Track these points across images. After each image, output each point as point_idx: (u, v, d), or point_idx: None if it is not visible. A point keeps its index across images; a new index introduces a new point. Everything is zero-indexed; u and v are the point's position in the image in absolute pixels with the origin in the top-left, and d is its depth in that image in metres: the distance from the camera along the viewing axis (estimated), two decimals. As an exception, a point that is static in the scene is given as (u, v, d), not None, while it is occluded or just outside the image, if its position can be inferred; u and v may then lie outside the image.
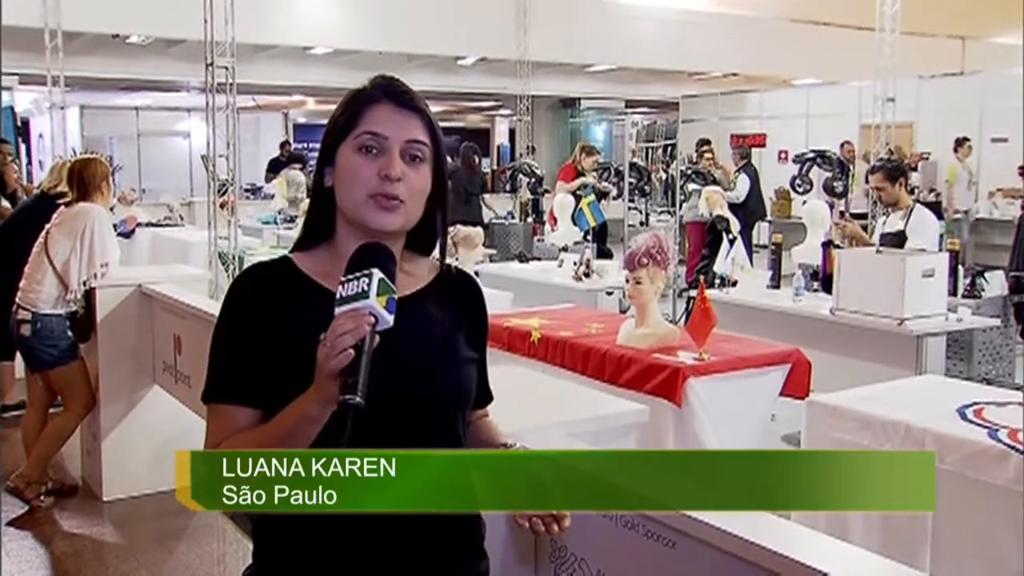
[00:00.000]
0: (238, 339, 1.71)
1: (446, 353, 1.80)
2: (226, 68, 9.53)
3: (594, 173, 11.22)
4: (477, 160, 13.78)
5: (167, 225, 12.07)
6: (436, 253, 1.87)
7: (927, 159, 14.72)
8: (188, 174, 21.42)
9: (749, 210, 12.44)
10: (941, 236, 7.35)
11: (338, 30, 17.30)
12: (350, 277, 1.56)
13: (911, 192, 7.91)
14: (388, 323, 1.54)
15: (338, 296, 1.54)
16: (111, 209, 12.36)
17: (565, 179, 10.99)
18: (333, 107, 1.86)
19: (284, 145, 18.42)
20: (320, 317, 1.56)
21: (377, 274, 1.55)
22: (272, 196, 13.97)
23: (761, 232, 15.53)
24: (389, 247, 1.67)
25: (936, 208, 12.86)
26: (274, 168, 17.08)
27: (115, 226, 8.95)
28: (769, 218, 15.49)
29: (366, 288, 1.54)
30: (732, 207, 12.28)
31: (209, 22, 9.36)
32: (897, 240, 6.51)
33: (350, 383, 1.48)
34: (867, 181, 9.54)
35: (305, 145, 29.44)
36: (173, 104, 21.98)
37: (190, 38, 13.74)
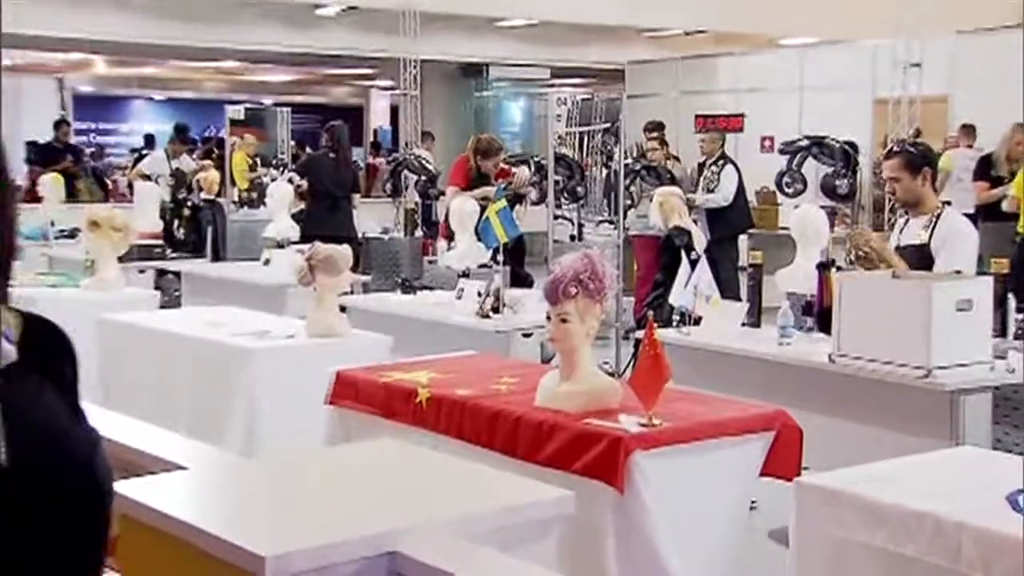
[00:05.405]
0: None
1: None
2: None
3: (502, 182, 11.12)
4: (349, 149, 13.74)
5: None
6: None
7: (971, 146, 14.95)
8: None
9: (732, 219, 12.50)
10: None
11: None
12: None
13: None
14: (12, 357, 1.59)
15: None
16: None
17: (457, 182, 10.96)
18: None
19: (60, 125, 18.18)
20: None
21: None
22: (41, 199, 13.71)
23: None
24: None
25: (999, 215, 12.46)
26: (44, 157, 16.82)
27: None
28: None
29: None
30: (711, 214, 12.39)
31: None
32: (918, 256, 6.55)
33: None
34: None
35: (92, 126, 28.98)
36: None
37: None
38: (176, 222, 12.79)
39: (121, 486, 3.16)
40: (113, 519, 1.82)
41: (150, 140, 22.60)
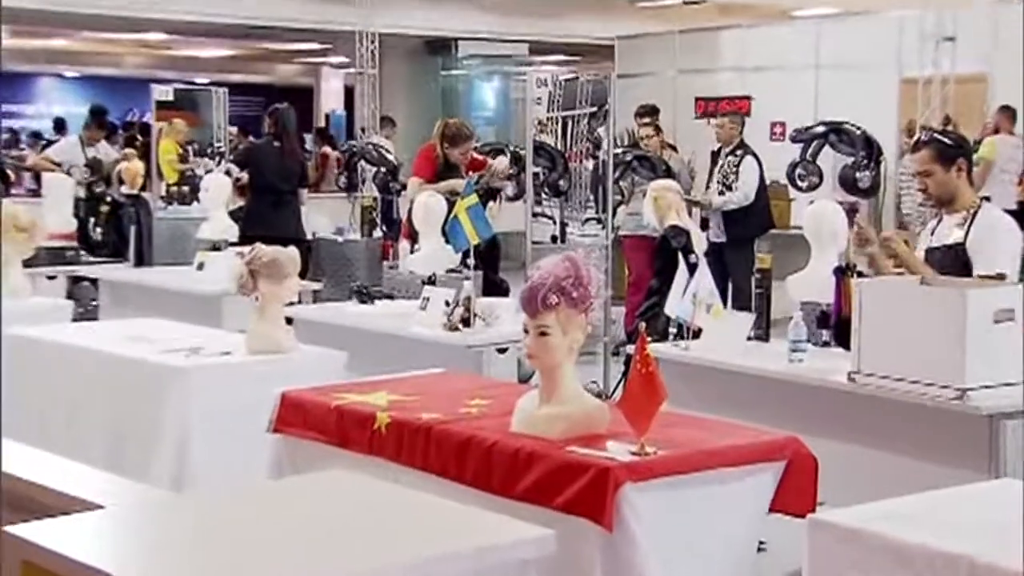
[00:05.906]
0: None
1: None
2: None
3: (473, 175, 11.11)
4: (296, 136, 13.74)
5: None
6: None
7: (1012, 132, 15.01)
8: None
9: (751, 219, 12.46)
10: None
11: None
12: None
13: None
14: None
15: None
16: None
17: (422, 174, 10.97)
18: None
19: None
20: None
21: None
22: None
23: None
24: None
25: None
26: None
27: None
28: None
29: None
30: (727, 216, 12.40)
31: None
32: (951, 258, 6.57)
33: None
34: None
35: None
36: None
37: None
38: (93, 220, 12.76)
39: (25, 529, 3.14)
40: None
41: (60, 125, 22.53)
